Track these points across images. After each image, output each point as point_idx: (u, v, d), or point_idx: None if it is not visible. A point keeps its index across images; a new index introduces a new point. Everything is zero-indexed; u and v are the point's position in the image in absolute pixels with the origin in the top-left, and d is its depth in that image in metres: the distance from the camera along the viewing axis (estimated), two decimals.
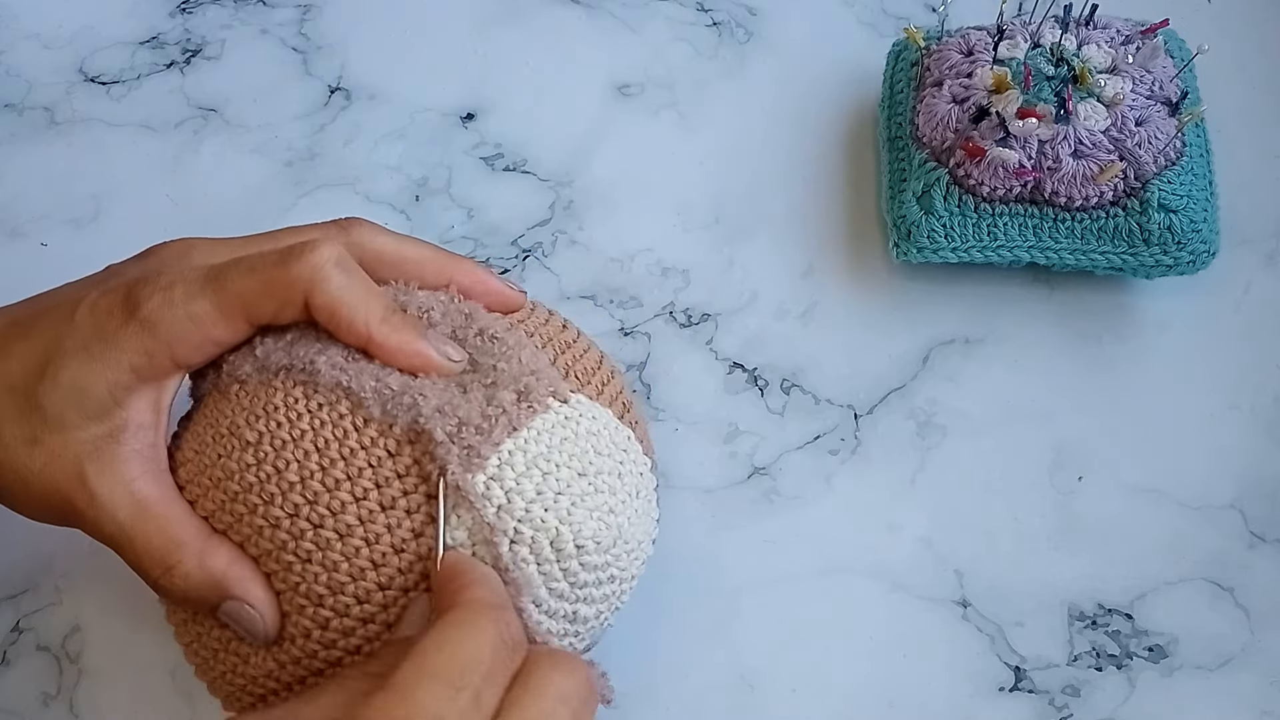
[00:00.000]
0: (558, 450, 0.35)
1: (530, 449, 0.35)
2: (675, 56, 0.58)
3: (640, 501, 0.38)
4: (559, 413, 0.36)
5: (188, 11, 0.59)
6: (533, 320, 0.40)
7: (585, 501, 0.35)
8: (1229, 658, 0.45)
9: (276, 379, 0.36)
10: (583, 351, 0.40)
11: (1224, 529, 0.47)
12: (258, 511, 0.35)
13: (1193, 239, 0.48)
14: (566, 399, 0.37)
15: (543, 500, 0.35)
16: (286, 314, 0.36)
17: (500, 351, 0.37)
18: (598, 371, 0.40)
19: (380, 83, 0.57)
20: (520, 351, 0.37)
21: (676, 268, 0.53)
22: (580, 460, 0.36)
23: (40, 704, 0.44)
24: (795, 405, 0.50)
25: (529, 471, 0.35)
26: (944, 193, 0.49)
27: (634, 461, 0.38)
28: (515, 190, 0.55)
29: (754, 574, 0.46)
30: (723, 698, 0.44)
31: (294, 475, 0.35)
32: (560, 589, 0.36)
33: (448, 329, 0.37)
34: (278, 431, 0.35)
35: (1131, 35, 0.50)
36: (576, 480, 0.35)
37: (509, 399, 0.35)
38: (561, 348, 0.39)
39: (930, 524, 0.47)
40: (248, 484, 0.35)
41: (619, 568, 0.37)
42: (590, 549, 0.35)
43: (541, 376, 0.36)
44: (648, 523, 0.39)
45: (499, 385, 0.36)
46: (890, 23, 0.59)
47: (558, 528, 0.35)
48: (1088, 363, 0.50)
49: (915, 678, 0.45)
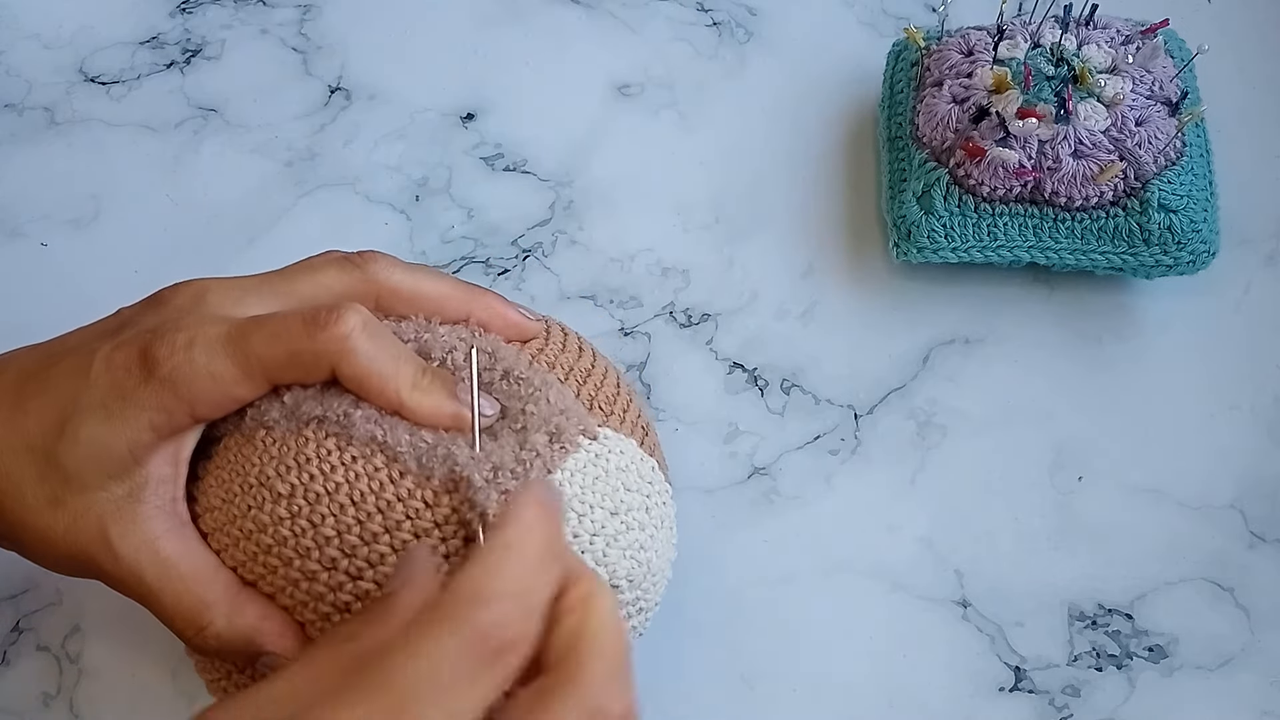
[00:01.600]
0: (590, 490, 0.36)
1: (565, 491, 0.35)
2: (675, 56, 0.58)
3: (664, 531, 0.38)
4: (589, 450, 0.36)
5: (188, 11, 0.59)
6: (550, 348, 0.39)
7: (618, 541, 0.36)
8: (1229, 658, 0.45)
9: (308, 429, 0.35)
10: (601, 378, 0.40)
11: (1224, 529, 0.47)
12: (293, 565, 0.34)
13: (1193, 239, 0.48)
14: (595, 435, 0.37)
15: (579, 543, 0.35)
16: (312, 379, 0.36)
17: (528, 393, 0.36)
18: (618, 398, 0.40)
19: (380, 83, 0.57)
20: (548, 391, 0.37)
21: (676, 268, 0.53)
22: (612, 499, 0.36)
23: (40, 704, 0.44)
24: (795, 405, 0.50)
25: (565, 515, 0.35)
26: (944, 193, 0.49)
27: (659, 493, 0.38)
28: (515, 190, 0.55)
29: (754, 574, 0.46)
30: (723, 698, 0.44)
31: (330, 529, 0.34)
32: None
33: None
34: (312, 484, 0.35)
35: (1131, 35, 0.50)
36: (609, 520, 0.36)
37: (542, 441, 0.35)
38: (582, 378, 0.39)
39: (930, 524, 0.47)
40: (282, 537, 0.35)
41: (647, 600, 0.38)
42: (624, 588, 0.36)
43: (570, 415, 0.36)
44: (670, 549, 0.39)
45: (530, 429, 0.35)
46: (890, 23, 0.59)
47: (594, 569, 0.35)
48: (1088, 363, 0.50)
49: (915, 678, 0.45)
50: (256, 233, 0.53)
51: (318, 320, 0.35)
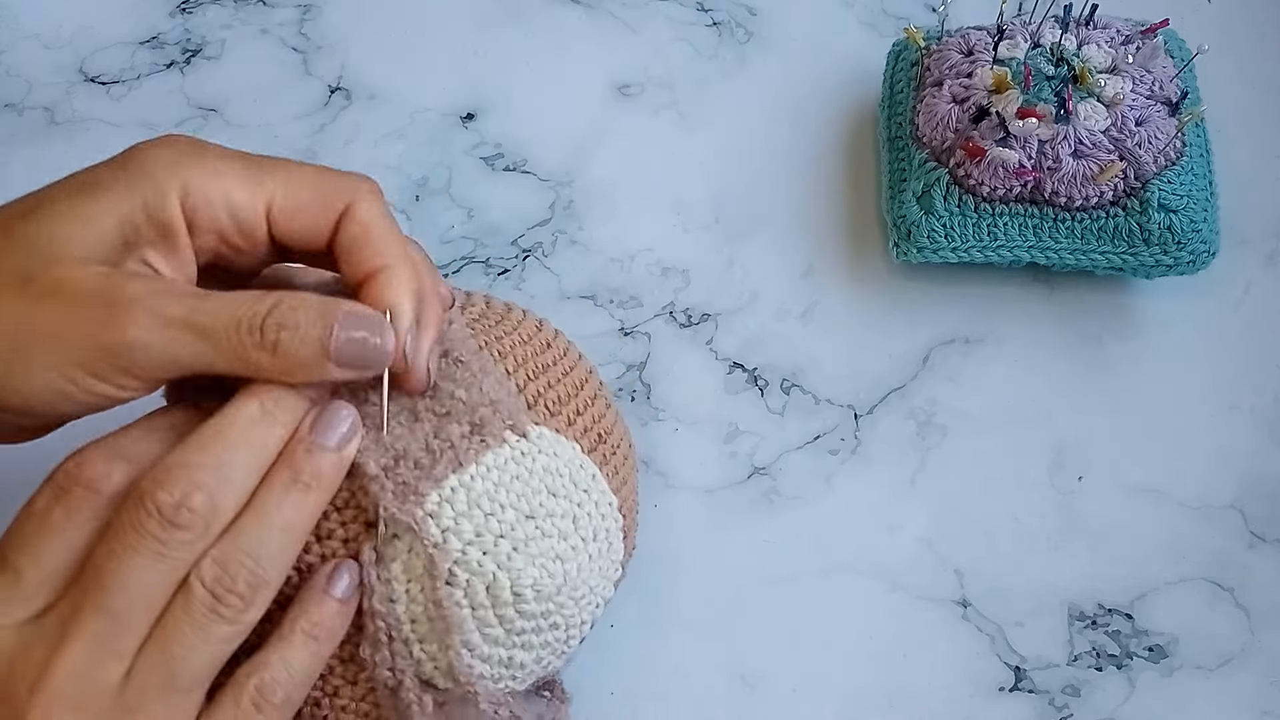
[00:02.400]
0: (506, 489, 0.34)
1: (476, 486, 0.34)
2: (675, 56, 0.58)
3: (596, 545, 0.36)
4: (515, 448, 0.35)
5: (188, 11, 0.59)
6: (510, 339, 0.38)
7: (529, 547, 0.34)
8: (1229, 658, 0.45)
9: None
10: (561, 375, 0.38)
11: (1224, 529, 0.47)
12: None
13: (1193, 239, 0.48)
14: (525, 433, 0.35)
15: (481, 543, 0.34)
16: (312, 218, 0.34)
17: (462, 378, 0.35)
18: (574, 398, 0.38)
19: (380, 83, 0.57)
20: (483, 379, 0.35)
21: (676, 268, 0.53)
22: (530, 501, 0.34)
23: None
24: (795, 405, 0.50)
25: (470, 511, 0.33)
26: (944, 193, 0.49)
27: (595, 503, 0.36)
28: (515, 190, 0.55)
29: (754, 574, 0.46)
30: (723, 698, 0.44)
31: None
32: (495, 635, 0.34)
33: None
34: None
35: (1131, 35, 0.50)
36: (522, 523, 0.34)
37: (458, 432, 0.34)
38: (535, 372, 0.37)
39: (930, 524, 0.47)
40: None
41: (563, 615, 0.36)
42: (529, 597, 0.34)
43: (500, 408, 0.35)
44: (605, 566, 0.37)
45: (451, 416, 0.34)
46: (890, 23, 0.59)
47: (495, 573, 0.34)
48: (1088, 363, 0.50)
49: (915, 678, 0.45)
50: None
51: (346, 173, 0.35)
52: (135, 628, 0.30)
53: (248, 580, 0.31)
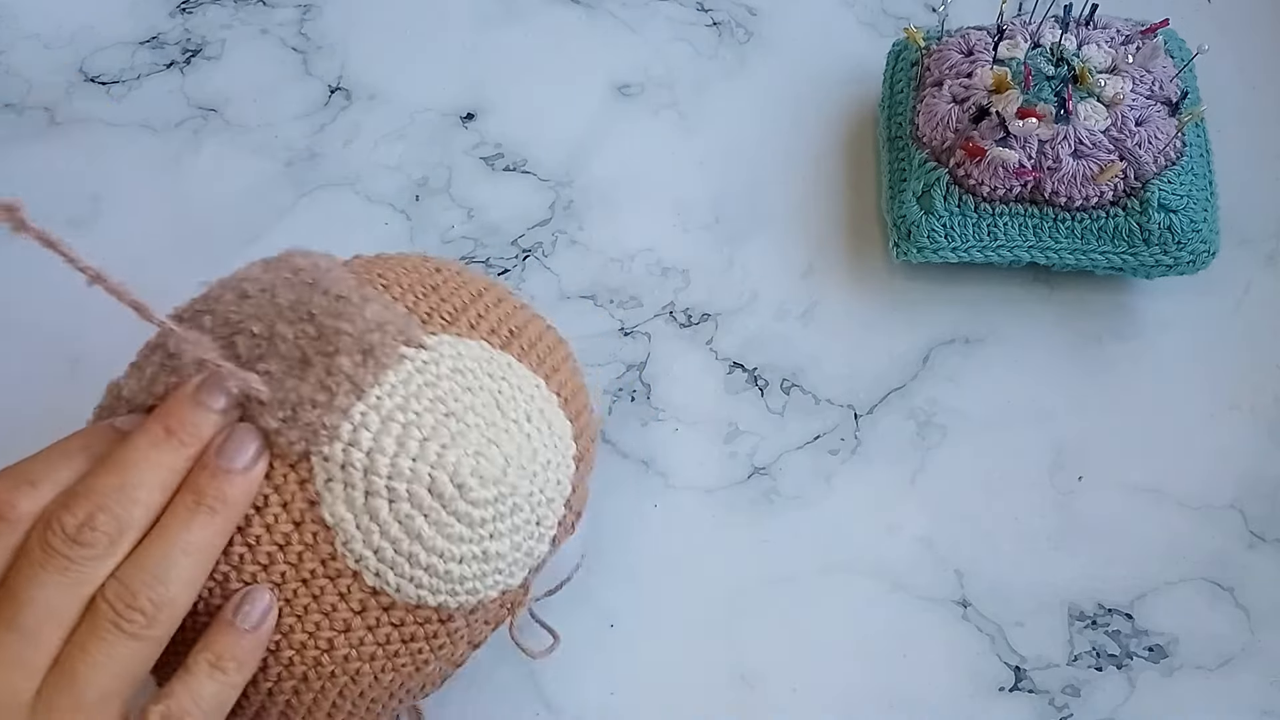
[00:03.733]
0: (416, 398, 0.34)
1: (384, 404, 0.34)
2: (675, 56, 0.58)
3: (533, 425, 0.36)
4: (414, 360, 0.35)
5: (188, 11, 0.59)
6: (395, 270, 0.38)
7: (458, 441, 0.34)
8: (1229, 658, 0.45)
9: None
10: (456, 288, 0.38)
11: (1224, 529, 0.47)
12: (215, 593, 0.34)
13: (1193, 239, 0.48)
14: (423, 344, 0.35)
15: (407, 451, 0.34)
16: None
17: (345, 312, 0.35)
18: (473, 304, 0.38)
19: (380, 83, 0.57)
20: (365, 308, 0.35)
21: (676, 268, 0.53)
22: (445, 402, 0.35)
23: None
24: (795, 405, 0.50)
25: (386, 427, 0.34)
26: (944, 193, 0.49)
27: (517, 386, 0.36)
28: (515, 190, 0.55)
29: (754, 574, 0.46)
30: (723, 698, 0.44)
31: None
32: (456, 532, 0.35)
33: (290, 297, 0.35)
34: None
35: (1131, 35, 0.50)
36: (444, 421, 0.34)
37: (350, 363, 0.34)
38: (425, 291, 0.38)
39: (930, 524, 0.47)
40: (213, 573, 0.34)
41: (520, 496, 0.36)
42: (473, 485, 0.34)
43: (389, 328, 0.35)
44: (553, 442, 0.37)
45: (340, 351, 0.34)
46: (890, 23, 0.59)
47: (430, 473, 0.34)
48: (1088, 363, 0.50)
49: (915, 678, 0.45)
50: (256, 233, 0.53)
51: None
52: (45, 645, 0.31)
53: (150, 598, 0.32)
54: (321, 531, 0.34)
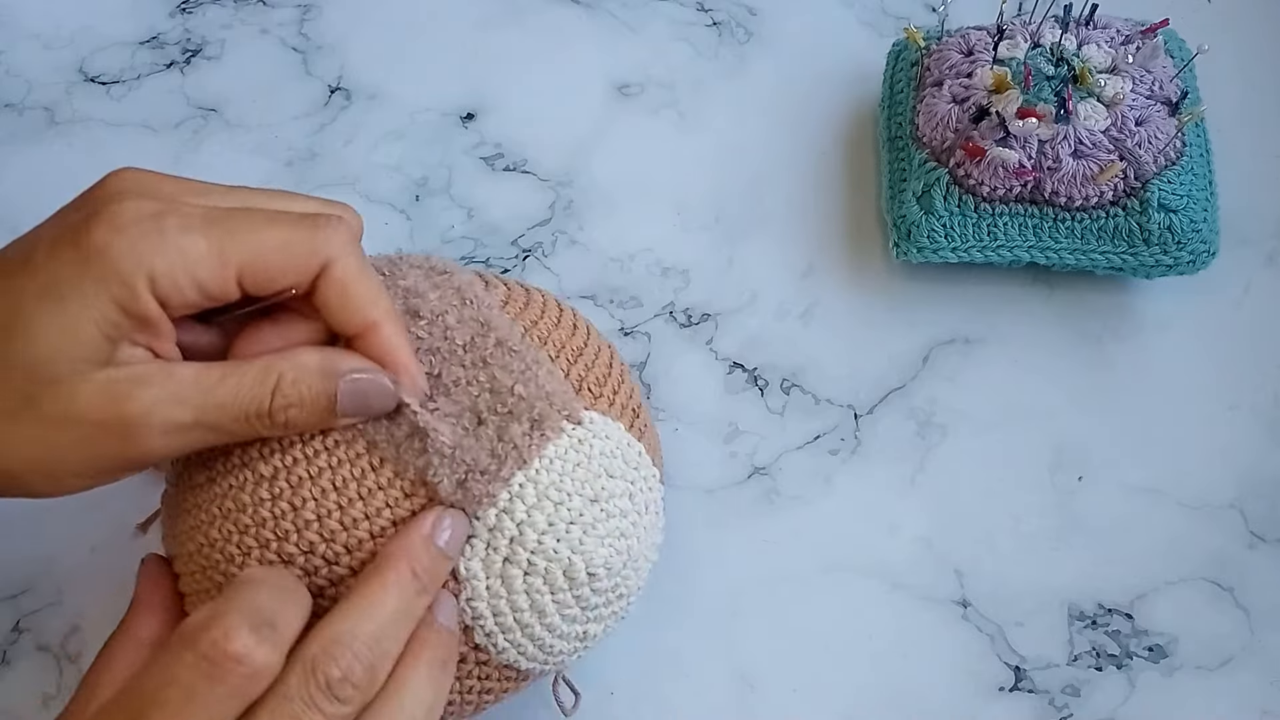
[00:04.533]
0: (569, 477, 0.35)
1: (542, 479, 0.35)
2: (675, 56, 0.58)
3: (649, 516, 0.38)
4: (572, 436, 0.36)
5: (188, 11, 0.59)
6: (544, 323, 0.39)
7: (597, 529, 0.36)
8: (1229, 658, 0.45)
9: None
10: (594, 358, 0.40)
11: (1224, 529, 0.47)
12: (270, 547, 0.34)
13: (1193, 239, 0.48)
14: (580, 420, 0.36)
15: (555, 531, 0.35)
16: (286, 281, 0.34)
17: (518, 369, 0.36)
18: (609, 379, 0.39)
19: (380, 83, 0.57)
20: (538, 370, 0.36)
21: (676, 268, 0.53)
22: (592, 485, 0.36)
23: (40, 704, 0.44)
24: (795, 405, 0.50)
25: (540, 503, 0.35)
26: (944, 193, 0.49)
27: (644, 478, 0.38)
28: (515, 190, 0.55)
29: (754, 574, 0.46)
30: (723, 698, 0.44)
31: (311, 514, 0.34)
32: (572, 614, 0.36)
33: (465, 336, 0.36)
34: (294, 468, 0.35)
35: (1131, 35, 0.50)
36: (589, 507, 0.36)
37: (520, 431, 0.35)
38: (574, 356, 0.39)
39: (930, 524, 0.47)
40: (261, 519, 0.35)
41: (628, 586, 0.38)
42: (601, 575, 0.36)
43: (555, 399, 0.36)
44: (655, 534, 0.39)
45: (513, 415, 0.35)
46: (890, 23, 0.59)
47: (570, 557, 0.35)
48: (1088, 363, 0.50)
49: (915, 678, 0.45)
50: None
51: (317, 219, 0.34)
52: None
53: None
54: (450, 583, 0.35)
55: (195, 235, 0.32)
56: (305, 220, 0.34)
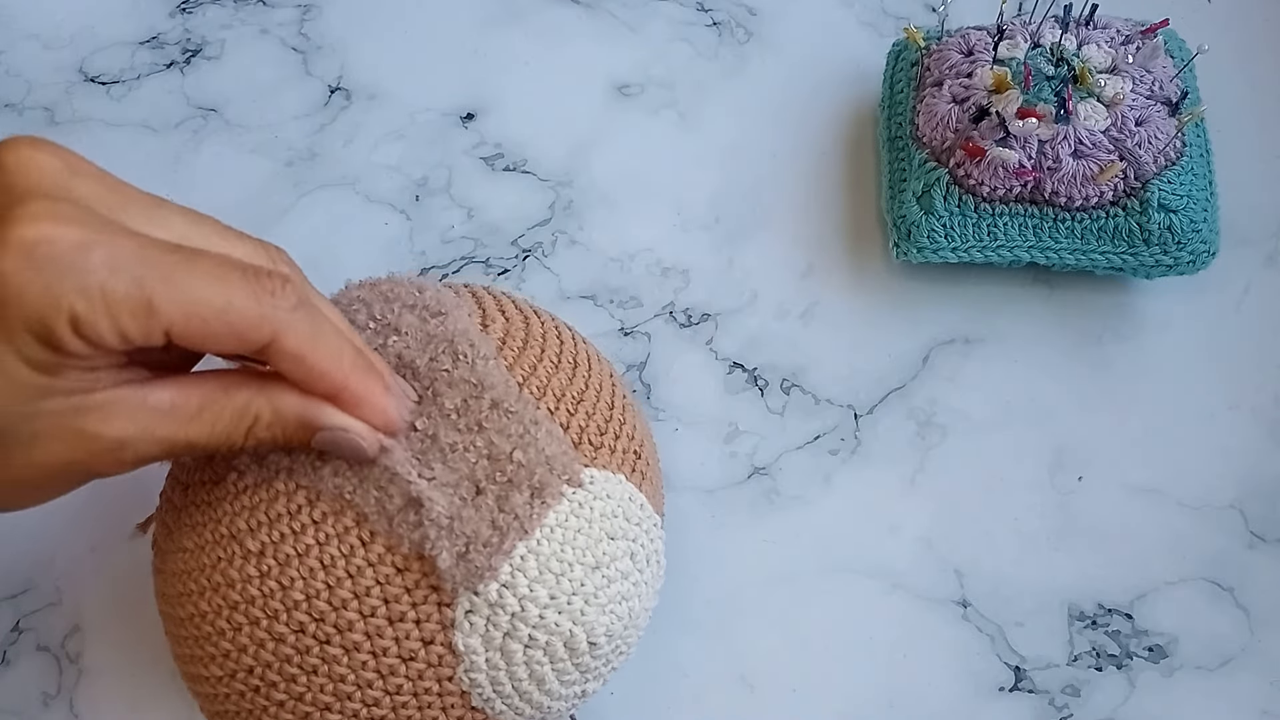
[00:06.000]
0: (571, 546, 0.35)
1: (543, 549, 0.34)
2: (675, 56, 0.58)
3: (650, 569, 0.38)
4: (573, 500, 0.35)
5: (188, 11, 0.59)
6: (544, 366, 0.38)
7: (598, 597, 0.35)
8: (1229, 658, 0.45)
9: (278, 479, 0.35)
10: (595, 401, 0.38)
11: (1224, 529, 0.47)
12: (260, 625, 0.34)
13: (1193, 239, 0.48)
14: (580, 483, 0.36)
15: (556, 605, 0.34)
16: (221, 347, 0.31)
17: (517, 434, 0.35)
18: (609, 424, 0.38)
19: (380, 83, 0.57)
20: (537, 432, 0.35)
21: (676, 268, 0.53)
22: (594, 552, 0.35)
23: (40, 704, 0.44)
24: (795, 405, 0.50)
25: (542, 576, 0.34)
26: (944, 193, 0.49)
27: (646, 532, 0.37)
28: (515, 190, 0.55)
29: (754, 574, 0.46)
30: (723, 698, 0.44)
31: (299, 593, 0.34)
32: (572, 678, 0.36)
33: (458, 399, 0.35)
34: (281, 545, 0.34)
35: (1131, 35, 0.50)
36: (590, 575, 0.35)
37: (522, 500, 0.34)
38: (574, 404, 0.38)
39: (930, 524, 0.47)
40: (250, 596, 0.34)
41: (627, 644, 0.37)
42: (602, 643, 0.35)
43: (555, 463, 0.35)
44: (655, 583, 0.38)
45: (514, 484, 0.34)
46: (890, 23, 0.59)
47: (571, 630, 0.35)
48: (1088, 362, 0.50)
49: (915, 678, 0.45)
50: (257, 232, 0.53)
51: (262, 277, 0.30)
52: None
53: None
54: (448, 656, 0.34)
55: (123, 279, 0.28)
56: (250, 281, 0.30)
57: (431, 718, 0.35)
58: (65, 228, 0.28)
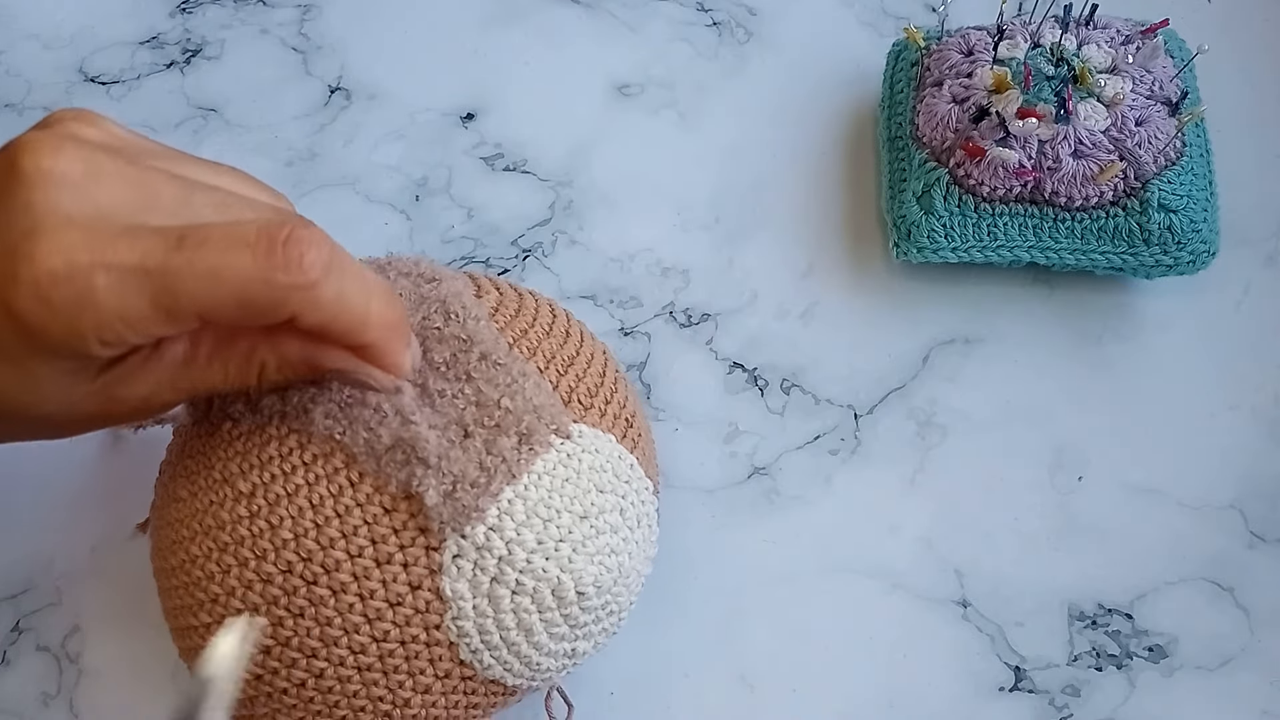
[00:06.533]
0: (558, 494, 0.35)
1: (530, 495, 0.34)
2: (675, 56, 0.58)
3: (641, 530, 0.37)
4: (560, 450, 0.35)
5: (188, 11, 0.59)
6: (534, 332, 0.38)
7: (587, 546, 0.35)
8: (1229, 658, 0.45)
9: (271, 425, 0.35)
10: (585, 366, 0.39)
11: (1224, 529, 0.47)
12: (249, 565, 0.34)
13: (1193, 239, 0.48)
14: (569, 434, 0.36)
15: (544, 550, 0.34)
16: (260, 323, 0.31)
17: (503, 382, 0.35)
18: (600, 389, 0.39)
19: (380, 83, 0.57)
20: (525, 383, 0.36)
21: (676, 268, 0.53)
22: (582, 502, 0.35)
23: (40, 704, 0.44)
24: (795, 405, 0.50)
25: (529, 521, 0.34)
26: (944, 193, 0.49)
27: (636, 492, 0.38)
28: (515, 190, 0.55)
29: (754, 574, 0.46)
30: (723, 698, 0.44)
31: (287, 532, 0.34)
32: (560, 632, 0.36)
33: (447, 353, 0.36)
34: (271, 485, 0.34)
35: (1131, 35, 0.50)
36: (578, 524, 0.35)
37: (509, 445, 0.34)
38: (564, 366, 0.38)
39: (930, 524, 0.47)
40: (239, 537, 0.34)
41: (619, 603, 0.37)
42: (591, 594, 0.35)
43: (544, 413, 0.35)
44: (648, 548, 0.38)
45: (501, 429, 0.35)
46: (890, 23, 0.59)
47: (559, 576, 0.35)
48: (1088, 363, 0.50)
49: (915, 678, 0.45)
50: None
51: (275, 252, 0.29)
52: None
53: None
54: (435, 602, 0.34)
55: (133, 295, 0.29)
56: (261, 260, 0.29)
57: (419, 669, 0.35)
58: (77, 256, 0.29)
